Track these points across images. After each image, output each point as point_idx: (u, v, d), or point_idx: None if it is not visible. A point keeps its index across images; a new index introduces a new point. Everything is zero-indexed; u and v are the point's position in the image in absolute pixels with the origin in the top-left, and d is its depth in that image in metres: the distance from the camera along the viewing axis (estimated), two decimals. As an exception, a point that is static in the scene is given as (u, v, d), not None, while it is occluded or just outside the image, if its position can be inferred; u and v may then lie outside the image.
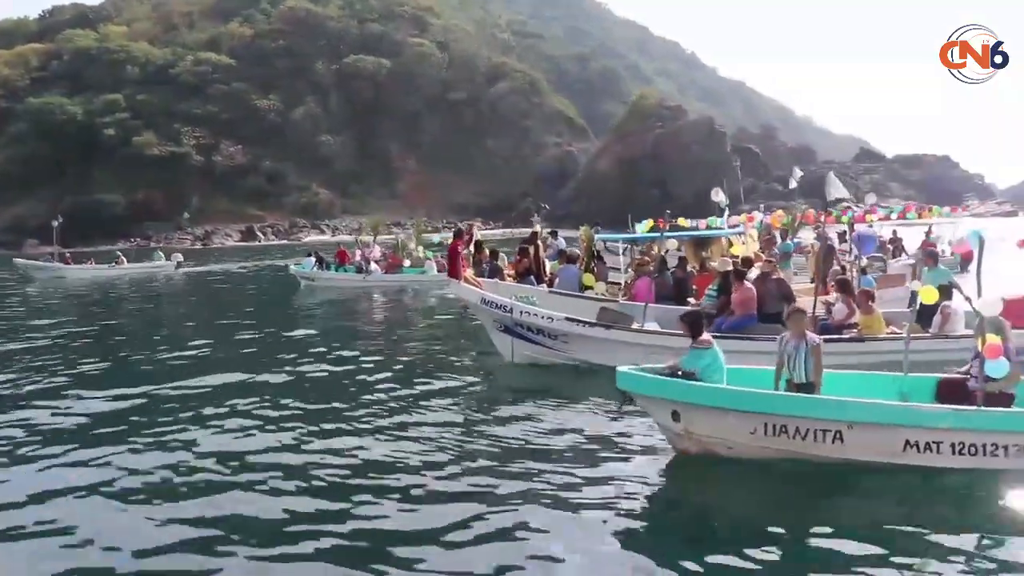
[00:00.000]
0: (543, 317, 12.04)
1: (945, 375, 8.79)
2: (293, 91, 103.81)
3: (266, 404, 10.71)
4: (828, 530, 6.48)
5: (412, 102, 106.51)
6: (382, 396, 11.08)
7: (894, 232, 23.78)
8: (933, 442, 7.56)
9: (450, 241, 15.41)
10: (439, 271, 24.70)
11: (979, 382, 7.71)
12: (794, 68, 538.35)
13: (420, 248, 29.86)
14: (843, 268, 14.56)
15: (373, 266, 28.37)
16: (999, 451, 7.52)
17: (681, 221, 18.18)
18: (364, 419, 9.91)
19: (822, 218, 14.24)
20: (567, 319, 11.92)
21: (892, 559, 6.00)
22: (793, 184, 15.04)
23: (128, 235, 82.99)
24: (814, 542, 6.32)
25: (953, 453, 7.56)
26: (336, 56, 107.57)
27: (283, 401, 10.82)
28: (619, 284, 15.54)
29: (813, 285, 12.74)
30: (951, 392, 8.39)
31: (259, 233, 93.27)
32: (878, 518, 6.82)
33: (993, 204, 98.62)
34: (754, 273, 12.39)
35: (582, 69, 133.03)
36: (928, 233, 23.31)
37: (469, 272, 13.76)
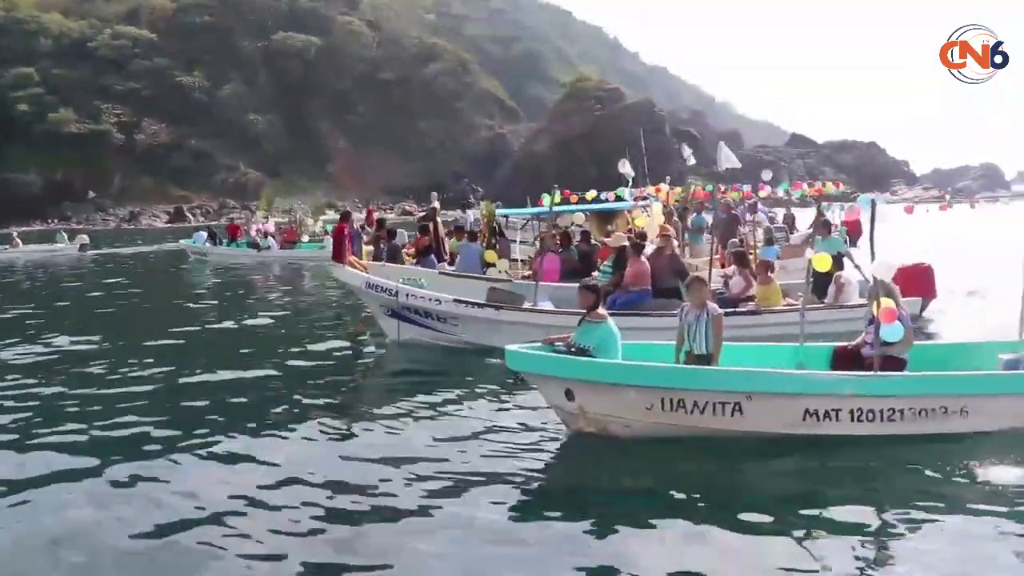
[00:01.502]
0: (431, 300, 11.68)
1: (839, 344, 8.74)
2: (219, 68, 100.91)
3: (131, 391, 10.03)
4: (729, 505, 6.30)
5: (342, 81, 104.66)
6: (259, 382, 10.52)
7: (787, 209, 24.42)
8: (832, 410, 7.45)
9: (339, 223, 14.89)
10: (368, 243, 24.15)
11: (874, 348, 7.59)
12: (714, 55, 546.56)
13: (320, 222, 29.29)
14: (741, 241, 14.53)
15: (269, 241, 27.71)
16: (896, 416, 7.47)
17: (588, 195, 17.87)
18: (235, 408, 9.34)
19: (724, 191, 14.19)
20: (455, 301, 11.57)
21: (793, 531, 5.84)
22: (692, 160, 14.76)
23: (46, 216, 79.84)
24: (716, 518, 6.09)
25: (852, 420, 7.48)
26: (264, 33, 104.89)
27: (142, 387, 10.17)
28: (524, 260, 15.25)
29: (717, 257, 12.66)
30: (846, 360, 8.36)
31: (188, 214, 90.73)
32: (779, 489, 6.70)
33: (920, 189, 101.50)
34: (650, 248, 12.20)
35: (506, 52, 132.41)
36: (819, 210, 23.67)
37: (367, 254, 13.26)
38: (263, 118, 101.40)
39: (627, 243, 12.09)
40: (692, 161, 13.11)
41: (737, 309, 11.42)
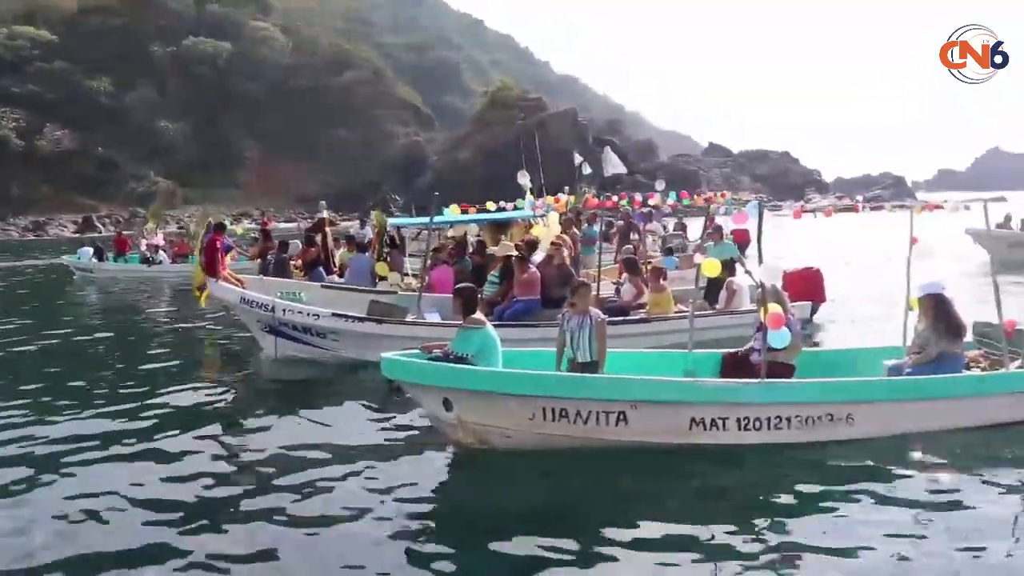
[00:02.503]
0: (308, 314, 11.09)
1: (728, 351, 8.59)
2: (126, 73, 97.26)
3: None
4: (615, 517, 6.04)
5: (255, 88, 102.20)
6: (131, 399, 9.84)
7: (679, 218, 24.47)
8: (719, 419, 7.23)
9: (255, 232, 14.10)
10: (233, 258, 22.91)
11: (762, 353, 7.39)
12: (624, 64, 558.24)
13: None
14: (634, 248, 14.39)
15: (161, 255, 26.28)
16: (783, 423, 7.28)
17: (489, 204, 17.49)
18: (105, 427, 8.69)
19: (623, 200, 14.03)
20: (334, 315, 11.01)
21: (682, 543, 5.62)
22: (587, 169, 14.41)
23: (-65, 226, 75.61)
24: (601, 530, 5.82)
25: (739, 429, 7.27)
26: (173, 37, 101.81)
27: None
28: (413, 273, 14.74)
29: (615, 267, 12.48)
30: (735, 366, 8.21)
31: (98, 224, 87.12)
32: (667, 501, 6.43)
33: (833, 198, 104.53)
34: (539, 257, 11.92)
35: (419, 59, 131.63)
36: (709, 216, 23.94)
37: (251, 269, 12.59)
38: (173, 125, 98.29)
39: (514, 252, 11.75)
40: (587, 170, 12.79)
41: (626, 317, 11.27)
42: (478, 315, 7.57)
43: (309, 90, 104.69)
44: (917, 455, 7.17)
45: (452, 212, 16.33)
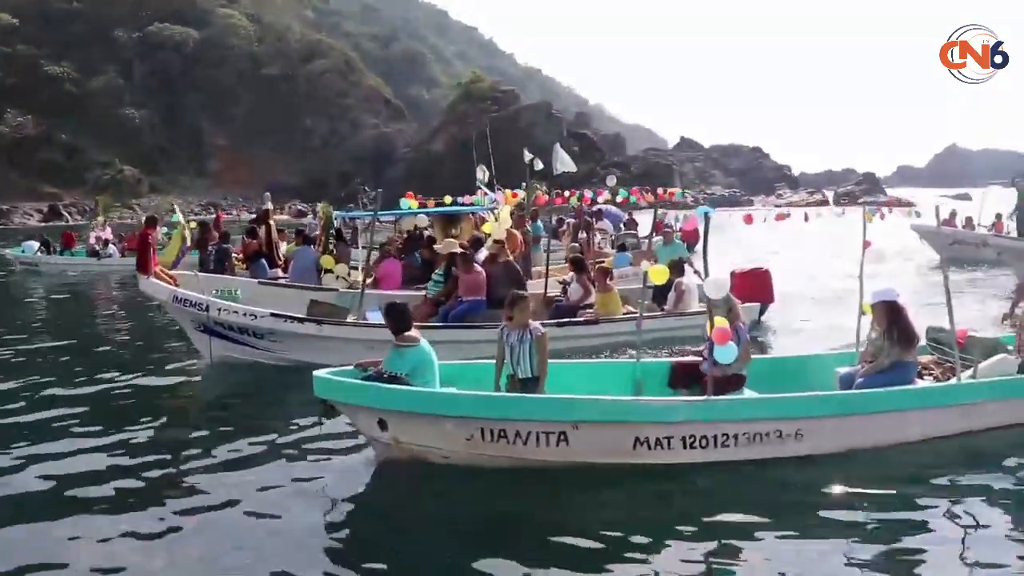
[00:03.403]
0: (245, 314, 10.61)
1: (678, 359, 8.35)
2: (91, 59, 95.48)
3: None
4: (556, 537, 5.81)
5: (223, 76, 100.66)
6: (50, 403, 9.51)
7: (630, 214, 24.35)
8: (664, 437, 6.94)
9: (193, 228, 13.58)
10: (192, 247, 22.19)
11: (709, 367, 7.13)
12: (587, 57, 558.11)
13: (165, 228, 27.20)
14: (581, 246, 14.09)
15: (111, 248, 25.56)
16: (730, 441, 7.01)
17: (446, 199, 17.08)
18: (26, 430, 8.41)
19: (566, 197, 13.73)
20: (273, 316, 10.53)
21: (624, 564, 5.44)
22: (539, 164, 13.96)
23: None
24: (541, 551, 5.64)
25: (685, 447, 6.99)
26: (139, 23, 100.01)
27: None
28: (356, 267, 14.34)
29: (564, 266, 12.21)
30: (685, 376, 7.94)
31: (64, 212, 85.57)
32: (608, 520, 6.16)
33: (804, 193, 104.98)
34: (484, 255, 11.59)
35: (384, 50, 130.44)
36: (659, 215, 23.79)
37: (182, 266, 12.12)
38: (139, 113, 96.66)
39: (458, 250, 11.41)
40: (539, 166, 12.44)
41: (574, 319, 11.03)
42: (412, 332, 7.22)
43: (278, 78, 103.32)
44: (869, 470, 6.97)
45: (409, 204, 15.95)
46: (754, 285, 11.86)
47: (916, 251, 23.35)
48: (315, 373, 7.15)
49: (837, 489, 6.64)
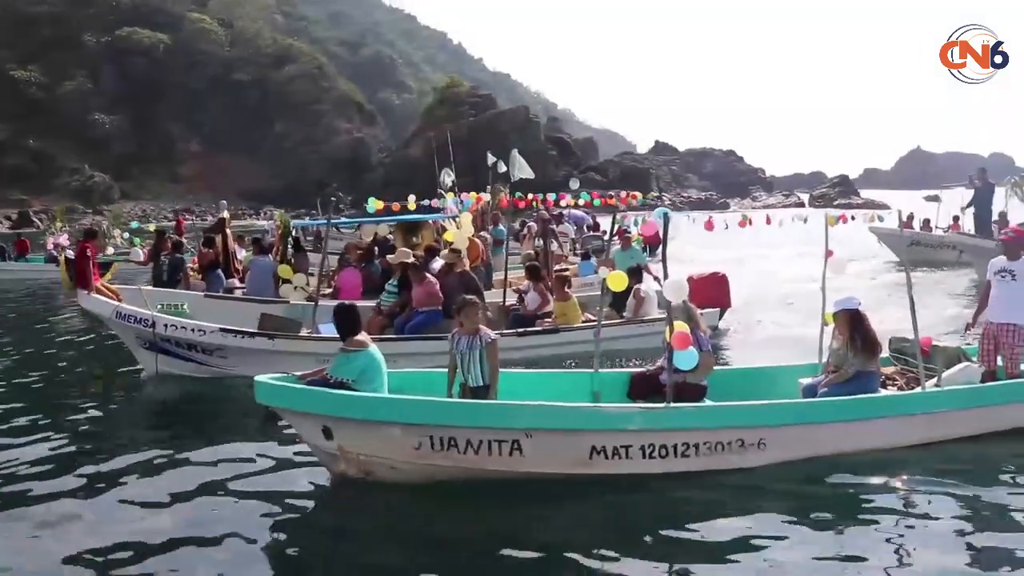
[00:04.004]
0: (193, 330, 10.22)
1: (637, 370, 8.13)
2: (59, 63, 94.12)
3: None
4: (510, 551, 5.62)
5: (194, 81, 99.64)
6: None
7: (593, 218, 24.31)
8: (622, 447, 6.70)
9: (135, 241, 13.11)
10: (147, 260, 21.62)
11: (669, 375, 6.89)
12: (555, 62, 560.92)
13: (123, 234, 26.72)
14: (536, 253, 13.79)
15: (68, 254, 24.87)
16: (690, 451, 6.78)
17: (411, 204, 16.73)
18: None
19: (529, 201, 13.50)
20: (222, 331, 10.17)
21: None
22: (502, 167, 13.58)
23: None
24: (494, 566, 5.50)
25: (644, 457, 6.75)
26: (108, 28, 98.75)
27: None
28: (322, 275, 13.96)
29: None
30: (644, 387, 7.73)
31: (35, 219, 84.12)
32: (565, 534, 5.96)
33: (780, 195, 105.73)
34: (438, 264, 11.29)
35: (353, 55, 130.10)
36: (618, 219, 23.79)
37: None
38: (109, 118, 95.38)
39: (411, 260, 11.11)
40: (503, 169, 12.16)
41: (533, 328, 10.82)
42: (360, 336, 6.93)
43: (250, 84, 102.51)
44: (832, 479, 6.78)
45: (373, 208, 15.60)
46: (711, 290, 11.69)
47: (874, 253, 23.49)
48: (257, 378, 6.85)
49: (801, 499, 6.45)
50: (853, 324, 7.62)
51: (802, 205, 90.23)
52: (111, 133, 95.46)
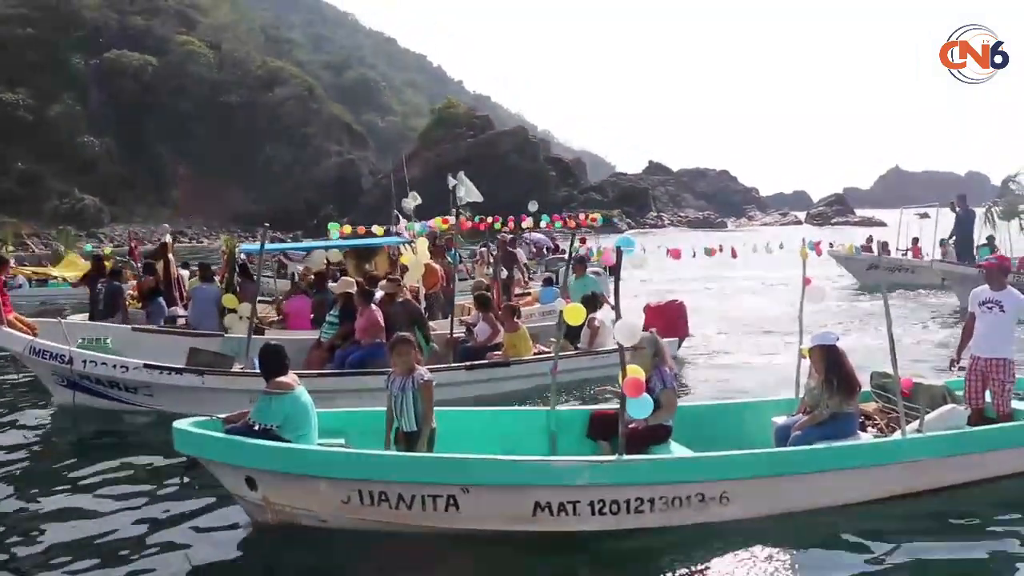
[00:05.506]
0: (115, 367, 9.52)
1: (597, 407, 7.62)
2: (46, 86, 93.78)
3: None
4: None
5: (183, 103, 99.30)
6: None
7: (553, 240, 23.98)
8: (568, 502, 6.05)
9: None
10: (79, 284, 20.15)
11: (621, 424, 6.26)
12: (533, 85, 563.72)
13: (74, 256, 25.96)
14: (488, 281, 13.14)
15: (20, 279, 24.07)
16: (644, 506, 6.14)
17: (377, 229, 16.11)
18: None
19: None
20: (147, 367, 9.46)
21: None
22: (462, 191, 12.90)
23: None
24: None
25: (593, 513, 6.12)
26: (96, 50, 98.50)
27: None
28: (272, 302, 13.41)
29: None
30: (603, 427, 7.07)
31: (28, 243, 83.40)
32: None
33: (777, 214, 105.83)
34: (379, 295, 10.64)
35: (337, 78, 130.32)
36: (578, 241, 23.28)
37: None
38: (98, 141, 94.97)
39: (353, 289, 10.47)
40: (461, 194, 11.57)
41: (482, 361, 10.27)
42: (285, 378, 6.29)
43: (239, 106, 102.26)
44: (802, 536, 6.17)
45: (334, 232, 14.99)
46: (668, 319, 11.19)
47: (832, 275, 23.24)
48: (175, 425, 6.27)
49: (766, 557, 5.85)
50: (829, 362, 7.00)
51: (799, 223, 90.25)
52: (100, 156, 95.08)
